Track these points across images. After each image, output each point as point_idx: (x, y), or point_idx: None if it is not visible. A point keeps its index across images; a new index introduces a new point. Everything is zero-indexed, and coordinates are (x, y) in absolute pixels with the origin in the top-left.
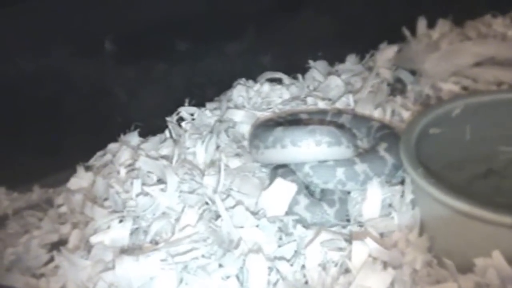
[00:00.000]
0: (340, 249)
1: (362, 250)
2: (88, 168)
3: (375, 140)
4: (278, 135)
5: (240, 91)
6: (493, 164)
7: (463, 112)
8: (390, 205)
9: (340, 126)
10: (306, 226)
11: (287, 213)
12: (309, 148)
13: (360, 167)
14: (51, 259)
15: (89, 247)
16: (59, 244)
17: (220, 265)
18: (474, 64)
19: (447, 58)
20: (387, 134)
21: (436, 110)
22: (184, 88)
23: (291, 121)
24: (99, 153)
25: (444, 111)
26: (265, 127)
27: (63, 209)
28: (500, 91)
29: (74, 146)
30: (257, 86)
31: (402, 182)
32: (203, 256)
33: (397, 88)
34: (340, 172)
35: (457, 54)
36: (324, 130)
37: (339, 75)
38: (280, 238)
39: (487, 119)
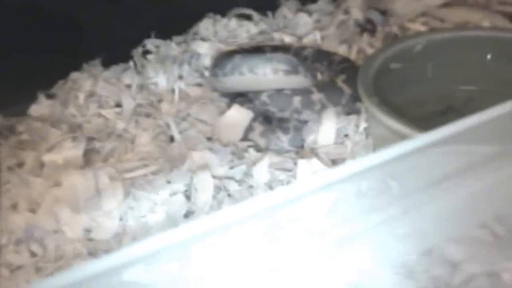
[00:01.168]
0: (288, 170)
1: (306, 168)
2: (49, 96)
3: (335, 73)
4: (236, 62)
5: (206, 25)
6: (453, 102)
7: (425, 49)
8: (345, 136)
9: (303, 59)
10: (259, 151)
11: (242, 139)
12: (266, 75)
13: (317, 96)
14: (8, 181)
15: (42, 166)
16: (18, 167)
17: (168, 182)
18: (443, 5)
19: None
20: (348, 66)
21: (398, 45)
22: (153, 21)
23: (253, 52)
24: (61, 82)
25: (406, 47)
26: (225, 56)
27: (24, 136)
28: (463, 29)
29: (38, 76)
30: (224, 21)
31: (358, 113)
32: (152, 173)
33: (367, 28)
34: (296, 100)
35: None
36: (281, 58)
37: (310, 14)
38: (232, 161)
39: (448, 57)
